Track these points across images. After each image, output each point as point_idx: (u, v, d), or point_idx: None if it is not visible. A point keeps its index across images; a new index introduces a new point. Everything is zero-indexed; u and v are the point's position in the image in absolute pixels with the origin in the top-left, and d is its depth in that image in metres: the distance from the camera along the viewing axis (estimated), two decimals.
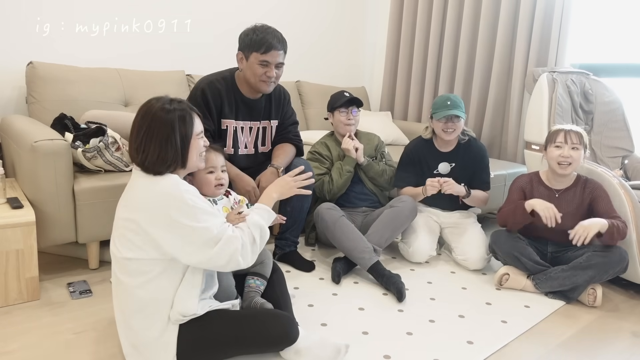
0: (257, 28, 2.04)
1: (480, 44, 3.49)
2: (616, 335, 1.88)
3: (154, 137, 1.35)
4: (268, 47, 2.01)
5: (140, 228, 1.34)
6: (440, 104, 2.42)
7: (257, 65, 2.03)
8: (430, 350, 1.68)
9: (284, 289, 1.76)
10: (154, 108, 1.38)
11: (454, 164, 2.53)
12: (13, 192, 2.09)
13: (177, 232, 1.31)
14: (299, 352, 1.50)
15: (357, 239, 2.20)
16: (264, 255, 1.78)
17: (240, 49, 2.08)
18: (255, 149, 2.27)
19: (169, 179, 1.35)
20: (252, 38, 2.01)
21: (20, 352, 1.55)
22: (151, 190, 1.34)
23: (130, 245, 1.36)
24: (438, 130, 2.47)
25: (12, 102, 2.68)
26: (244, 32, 2.07)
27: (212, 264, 1.35)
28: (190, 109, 1.44)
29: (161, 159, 1.35)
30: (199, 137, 1.45)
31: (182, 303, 1.37)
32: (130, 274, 1.37)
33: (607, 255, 2.03)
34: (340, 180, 2.47)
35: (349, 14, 4.21)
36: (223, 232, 1.35)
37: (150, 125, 1.36)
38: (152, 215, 1.32)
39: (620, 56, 3.07)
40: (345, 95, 2.55)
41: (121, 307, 1.42)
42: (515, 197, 2.25)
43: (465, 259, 2.41)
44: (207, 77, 2.15)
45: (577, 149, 2.09)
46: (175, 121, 1.37)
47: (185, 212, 1.31)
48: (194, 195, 1.35)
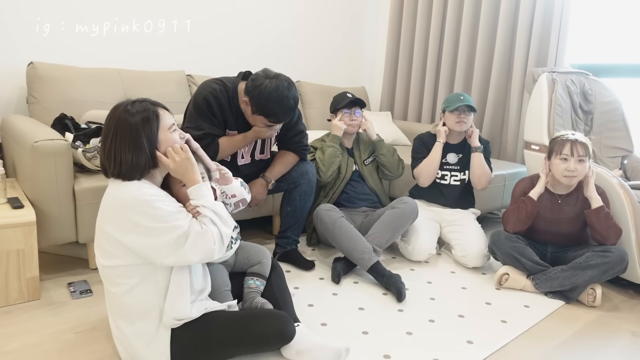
0: (274, 93, 1.89)
1: (480, 44, 3.49)
2: (616, 335, 1.89)
3: (123, 144, 1.33)
4: (278, 120, 1.97)
5: (110, 236, 1.33)
6: (454, 98, 2.53)
7: (260, 123, 2.00)
8: (430, 350, 1.69)
9: (284, 287, 1.75)
10: (116, 112, 1.36)
11: (461, 155, 2.61)
12: (13, 192, 2.10)
13: (145, 234, 1.30)
14: (300, 353, 1.50)
15: (356, 239, 2.20)
16: (262, 255, 1.77)
17: (249, 98, 1.95)
18: (252, 157, 2.24)
19: (131, 185, 1.33)
20: (267, 105, 1.90)
21: (20, 351, 1.56)
22: (115, 197, 1.33)
23: (107, 254, 1.36)
24: (451, 122, 2.54)
25: (13, 102, 2.68)
26: (259, 83, 1.90)
27: (187, 260, 1.33)
28: (154, 105, 1.39)
29: (135, 164, 1.33)
30: (170, 131, 1.40)
31: (173, 307, 1.36)
32: (113, 282, 1.38)
33: (607, 255, 2.04)
34: (324, 155, 2.47)
35: (349, 14, 4.21)
36: (190, 228, 1.33)
37: (110, 128, 1.35)
38: (119, 222, 1.31)
39: (620, 56, 3.08)
40: (348, 97, 2.56)
41: (112, 315, 1.43)
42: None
43: (465, 255, 2.42)
44: (209, 83, 2.05)
45: (583, 161, 2.09)
46: (139, 123, 1.34)
47: (149, 215, 1.29)
48: (157, 197, 1.32)
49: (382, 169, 2.65)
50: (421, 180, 2.58)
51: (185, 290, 1.39)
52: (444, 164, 2.61)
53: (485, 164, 2.54)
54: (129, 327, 1.39)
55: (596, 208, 2.08)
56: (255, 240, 2.67)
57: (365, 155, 2.66)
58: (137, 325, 1.38)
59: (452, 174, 2.61)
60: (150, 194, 1.31)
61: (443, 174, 2.61)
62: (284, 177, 2.28)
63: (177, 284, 1.38)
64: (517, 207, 2.21)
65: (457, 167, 2.61)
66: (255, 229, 2.87)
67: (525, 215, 2.17)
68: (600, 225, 2.07)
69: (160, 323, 1.38)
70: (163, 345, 1.38)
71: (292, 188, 2.31)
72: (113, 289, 1.38)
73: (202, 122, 2.01)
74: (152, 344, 1.39)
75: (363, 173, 2.62)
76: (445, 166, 2.61)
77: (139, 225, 1.29)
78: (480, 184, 2.55)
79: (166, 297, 1.37)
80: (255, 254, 1.77)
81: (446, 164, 2.61)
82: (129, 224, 1.30)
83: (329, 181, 2.51)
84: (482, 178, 2.54)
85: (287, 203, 2.34)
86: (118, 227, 1.32)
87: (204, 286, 1.50)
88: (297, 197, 2.31)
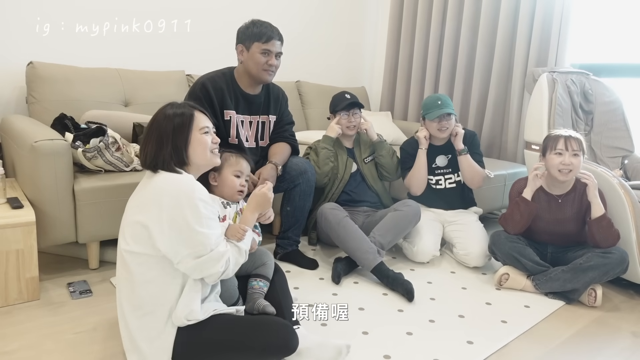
0: (255, 22, 2.17)
1: (480, 44, 3.49)
2: (616, 335, 1.88)
3: (152, 137, 1.44)
4: (269, 37, 2.12)
5: (146, 221, 1.35)
6: (431, 104, 2.49)
7: (259, 54, 2.11)
8: (430, 350, 1.68)
9: (286, 290, 1.75)
10: (157, 114, 1.47)
11: (450, 156, 2.58)
12: (13, 192, 2.09)
13: (177, 228, 1.33)
14: (300, 353, 1.49)
15: (361, 239, 2.20)
16: (266, 257, 1.77)
17: (240, 42, 2.16)
18: (256, 142, 2.29)
19: (184, 177, 1.39)
20: (253, 30, 2.13)
21: (20, 352, 1.55)
22: (167, 184, 1.36)
23: (136, 237, 1.38)
24: (433, 130, 2.51)
25: (13, 102, 2.68)
26: (242, 26, 2.18)
27: (196, 272, 1.37)
28: (191, 108, 1.48)
29: (157, 155, 1.41)
30: (202, 132, 1.47)
31: (186, 308, 1.37)
32: (131, 270, 1.38)
33: (607, 256, 2.03)
34: (317, 157, 2.48)
35: (349, 14, 4.21)
36: (216, 245, 1.38)
37: (151, 127, 1.46)
38: (160, 208, 1.33)
39: (620, 56, 3.07)
40: (346, 97, 2.56)
41: (121, 304, 1.43)
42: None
43: (467, 253, 2.42)
44: (206, 74, 2.20)
45: (578, 155, 2.09)
46: (170, 121, 1.44)
47: (193, 212, 1.33)
48: (204, 198, 1.38)
49: (381, 169, 2.65)
50: (413, 190, 2.57)
51: (199, 292, 1.40)
52: (434, 169, 2.58)
53: (474, 164, 2.50)
54: (136, 319, 1.39)
55: (598, 217, 2.07)
56: None
57: (366, 154, 2.66)
58: (145, 319, 1.38)
59: (445, 177, 2.59)
60: (199, 191, 1.37)
61: (437, 179, 2.59)
62: (283, 176, 2.29)
63: (192, 286, 1.39)
64: (511, 208, 2.21)
65: (449, 170, 2.58)
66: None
67: (520, 215, 2.17)
68: (600, 235, 2.07)
69: (168, 320, 1.38)
70: (167, 343, 1.38)
71: (291, 188, 2.31)
72: (129, 276, 1.39)
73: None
74: (157, 340, 1.38)
75: (363, 171, 2.62)
76: (436, 171, 2.58)
77: (179, 215, 1.32)
78: (474, 184, 2.55)
79: (181, 296, 1.38)
80: (259, 256, 1.77)
81: (437, 168, 2.58)
82: (173, 213, 1.32)
83: (325, 182, 2.51)
84: (475, 179, 2.52)
85: (286, 203, 2.35)
86: (158, 214, 1.34)
87: (215, 286, 1.51)
88: (296, 197, 2.31)
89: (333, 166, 2.52)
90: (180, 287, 1.39)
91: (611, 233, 2.06)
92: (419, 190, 2.55)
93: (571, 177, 2.12)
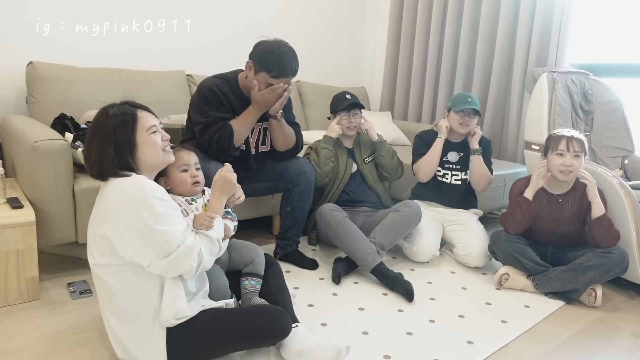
0: (275, 48, 1.96)
1: (481, 43, 3.49)
2: (616, 335, 1.88)
3: (93, 144, 1.37)
4: (280, 73, 1.98)
5: (106, 233, 1.32)
6: (461, 99, 2.52)
7: (262, 84, 2.01)
8: (430, 350, 1.68)
9: (282, 283, 1.73)
10: (98, 116, 1.40)
11: (462, 154, 2.61)
12: (13, 192, 2.09)
13: (137, 232, 1.29)
14: (300, 354, 1.50)
15: (360, 239, 2.20)
16: (254, 253, 1.75)
17: (252, 59, 2.02)
18: (257, 149, 2.27)
19: (133, 179, 1.33)
20: (269, 58, 1.95)
21: (20, 352, 1.55)
22: (116, 191, 1.32)
23: (100, 250, 1.35)
24: (454, 123, 2.53)
25: (12, 102, 2.68)
26: (262, 43, 2.01)
27: (169, 272, 1.34)
28: (133, 107, 1.41)
29: (101, 161, 1.35)
30: (149, 132, 1.40)
31: (171, 308, 1.36)
32: (104, 282, 1.37)
33: (607, 256, 2.03)
34: (318, 157, 2.47)
35: (349, 14, 4.21)
36: (183, 240, 1.34)
37: (91, 134, 1.39)
38: (116, 217, 1.30)
39: (620, 56, 3.07)
40: (347, 98, 2.56)
41: (106, 317, 1.42)
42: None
43: (467, 253, 2.42)
44: (210, 78, 2.12)
45: (579, 156, 2.08)
46: (110, 123, 1.37)
47: (149, 212, 1.29)
48: (158, 195, 1.33)
49: (381, 170, 2.65)
50: (420, 175, 2.58)
51: (181, 289, 1.38)
52: (444, 162, 2.61)
53: (484, 166, 2.53)
54: (123, 328, 1.39)
55: (598, 217, 2.07)
56: (255, 240, 2.66)
57: (366, 154, 2.66)
58: (132, 326, 1.38)
59: (453, 173, 2.61)
60: (152, 189, 1.32)
61: (444, 172, 2.61)
62: (283, 176, 2.29)
63: (172, 285, 1.37)
64: (512, 208, 2.21)
65: (458, 167, 2.61)
66: (255, 229, 2.87)
67: (521, 215, 2.17)
68: (600, 235, 2.07)
69: (154, 323, 1.37)
70: (159, 345, 1.37)
71: (290, 188, 2.31)
72: (106, 289, 1.37)
73: (210, 110, 2.04)
74: (148, 345, 1.38)
75: (363, 172, 2.62)
76: (446, 164, 2.61)
77: (137, 217, 1.28)
78: (479, 187, 2.56)
79: (162, 297, 1.36)
80: (247, 253, 1.75)
81: (447, 162, 2.61)
82: (131, 217, 1.29)
83: (326, 182, 2.51)
84: (481, 181, 2.54)
85: (286, 203, 2.34)
86: (115, 222, 1.30)
87: (199, 287, 1.49)
88: (295, 197, 2.31)
89: (333, 166, 2.52)
90: (159, 288, 1.37)
91: (611, 233, 2.06)
92: (426, 177, 2.57)
93: (572, 177, 2.12)
